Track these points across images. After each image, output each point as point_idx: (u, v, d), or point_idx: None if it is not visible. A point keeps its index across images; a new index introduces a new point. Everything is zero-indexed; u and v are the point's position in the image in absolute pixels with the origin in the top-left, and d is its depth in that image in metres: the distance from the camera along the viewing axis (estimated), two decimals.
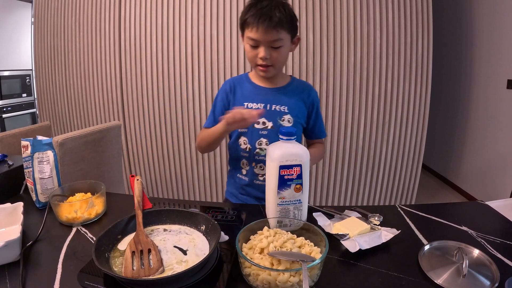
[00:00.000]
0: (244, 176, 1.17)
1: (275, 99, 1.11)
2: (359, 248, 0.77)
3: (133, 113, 2.54)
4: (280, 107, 1.10)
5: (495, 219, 0.97)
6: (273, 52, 1.01)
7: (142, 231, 0.77)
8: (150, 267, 0.67)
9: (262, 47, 1.00)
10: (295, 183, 0.83)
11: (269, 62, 1.02)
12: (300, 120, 1.14)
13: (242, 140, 1.13)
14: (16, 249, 0.74)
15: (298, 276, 0.62)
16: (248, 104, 1.11)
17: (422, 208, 1.01)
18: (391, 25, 2.28)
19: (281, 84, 1.14)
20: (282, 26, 0.97)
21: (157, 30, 2.37)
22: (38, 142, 1.02)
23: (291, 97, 1.13)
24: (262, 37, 0.98)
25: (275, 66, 1.05)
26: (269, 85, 1.13)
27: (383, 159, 2.50)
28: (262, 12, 0.96)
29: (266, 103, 1.10)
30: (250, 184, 1.16)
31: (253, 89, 1.13)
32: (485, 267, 0.71)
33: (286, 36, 1.01)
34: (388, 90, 2.36)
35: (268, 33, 0.97)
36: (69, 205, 0.92)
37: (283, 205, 0.84)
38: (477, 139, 3.08)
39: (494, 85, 2.81)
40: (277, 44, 1.00)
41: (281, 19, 0.96)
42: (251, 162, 1.13)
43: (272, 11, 0.96)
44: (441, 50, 3.53)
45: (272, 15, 0.95)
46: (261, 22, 0.95)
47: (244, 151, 1.14)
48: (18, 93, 3.92)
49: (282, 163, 0.81)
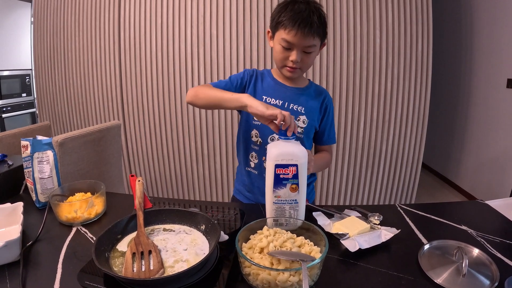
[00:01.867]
0: (253, 169, 1.17)
1: (294, 98, 1.12)
2: (359, 247, 0.77)
3: (133, 112, 2.54)
4: (298, 107, 1.11)
5: (495, 218, 0.97)
6: (304, 56, 1.01)
7: (143, 232, 0.77)
8: (150, 269, 0.67)
9: (295, 50, 1.00)
10: (291, 182, 0.83)
11: (299, 65, 1.03)
12: (315, 123, 1.15)
13: (254, 133, 1.13)
14: (16, 249, 0.74)
15: (298, 275, 0.62)
16: (267, 98, 1.11)
17: (422, 208, 1.01)
18: (391, 24, 2.28)
19: (301, 85, 1.15)
20: (318, 32, 0.98)
21: (157, 29, 2.36)
22: (38, 142, 1.02)
23: (309, 100, 1.13)
24: (298, 42, 0.97)
25: (302, 69, 1.06)
26: (290, 84, 1.14)
27: (383, 158, 2.50)
28: (301, 16, 0.95)
29: (285, 100, 1.11)
30: (260, 177, 1.15)
31: (274, 85, 1.14)
32: (484, 266, 0.71)
33: (318, 42, 1.01)
34: (388, 89, 2.36)
35: (306, 39, 0.97)
36: (69, 205, 0.92)
37: (278, 204, 0.85)
38: (477, 138, 3.08)
39: (494, 84, 2.81)
40: (310, 49, 1.00)
41: (318, 26, 0.96)
42: (261, 156, 1.14)
43: (311, 16, 0.95)
44: (441, 49, 3.53)
45: (312, 22, 0.95)
46: (301, 28, 0.94)
47: (254, 144, 1.14)
48: (18, 93, 3.92)
49: (278, 162, 0.82)
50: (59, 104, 2.76)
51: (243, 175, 1.21)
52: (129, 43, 2.42)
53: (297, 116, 1.10)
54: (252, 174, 1.18)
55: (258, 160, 1.15)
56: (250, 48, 2.32)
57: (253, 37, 2.30)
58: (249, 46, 2.32)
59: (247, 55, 2.33)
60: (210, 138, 2.48)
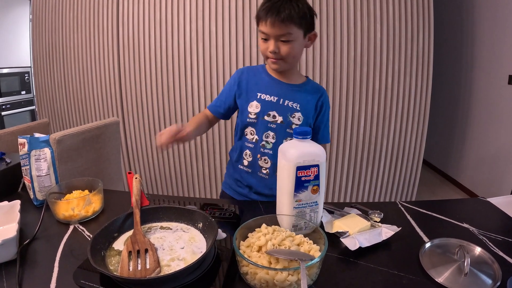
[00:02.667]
0: (246, 167, 1.16)
1: (289, 95, 1.10)
2: (359, 245, 0.76)
3: (131, 109, 2.53)
4: (293, 104, 1.10)
5: (496, 216, 0.96)
6: (282, 46, 1.00)
7: (140, 230, 0.76)
8: (147, 267, 0.66)
9: (271, 40, 1.00)
10: (313, 184, 0.79)
11: (279, 56, 1.02)
12: (309, 121, 1.14)
13: (249, 130, 1.13)
14: (13, 247, 0.73)
15: (297, 275, 0.61)
16: (261, 95, 1.10)
17: (423, 205, 1.00)
18: (392, 19, 2.26)
19: (297, 82, 1.14)
20: (292, 20, 0.96)
21: (156, 26, 2.35)
22: (35, 140, 1.01)
23: (305, 97, 1.12)
24: (270, 31, 0.98)
25: (286, 60, 1.04)
26: (284, 80, 1.12)
27: (383, 155, 2.49)
28: (272, 6, 0.96)
29: (280, 97, 1.10)
30: (252, 175, 1.15)
31: (269, 81, 1.12)
32: (486, 265, 0.70)
33: (297, 31, 0.99)
34: (388, 85, 2.35)
35: (275, 27, 0.96)
36: (66, 202, 0.91)
37: (299, 208, 0.80)
38: (478, 134, 3.06)
39: (495, 80, 2.79)
40: (285, 38, 0.99)
41: (290, 14, 0.95)
42: (255, 153, 1.13)
43: (282, 5, 0.95)
44: (442, 45, 3.50)
45: (281, 10, 0.95)
46: (269, 16, 0.95)
47: (249, 142, 1.13)
48: (17, 91, 3.90)
49: (299, 163, 0.77)
50: (58, 102, 2.75)
51: (235, 171, 1.20)
52: (128, 40, 2.41)
53: (292, 112, 1.09)
54: (244, 172, 1.17)
55: (253, 158, 1.14)
56: (250, 45, 2.30)
57: (253, 34, 2.28)
58: (249, 42, 2.30)
59: (247, 52, 2.31)
60: (209, 135, 2.47)
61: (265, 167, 1.13)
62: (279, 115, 1.09)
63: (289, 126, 1.09)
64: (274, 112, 1.09)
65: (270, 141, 1.10)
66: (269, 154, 1.11)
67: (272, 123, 1.09)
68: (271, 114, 1.09)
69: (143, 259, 0.68)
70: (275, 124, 1.09)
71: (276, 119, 1.09)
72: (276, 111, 1.09)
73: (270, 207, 1.01)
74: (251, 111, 1.10)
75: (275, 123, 1.09)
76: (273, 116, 1.09)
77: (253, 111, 1.10)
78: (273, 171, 1.12)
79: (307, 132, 0.81)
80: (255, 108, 1.09)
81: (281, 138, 1.09)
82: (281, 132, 1.09)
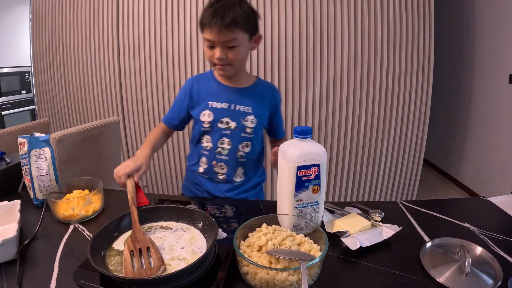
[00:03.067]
0: (203, 173, 1.17)
1: (240, 99, 1.11)
2: (360, 245, 0.75)
3: (132, 108, 2.53)
4: (244, 108, 1.10)
5: (497, 215, 0.95)
6: (229, 52, 1.00)
7: (139, 228, 0.76)
8: (151, 266, 0.66)
9: (217, 47, 0.99)
10: (313, 184, 0.79)
11: (226, 62, 1.01)
12: (263, 122, 1.15)
13: (205, 139, 1.13)
14: (13, 247, 0.73)
15: (297, 274, 0.61)
16: (212, 103, 1.10)
17: (423, 204, 1.00)
18: (392, 18, 2.25)
19: (246, 84, 1.14)
20: (237, 25, 0.96)
21: (156, 24, 2.35)
22: (35, 139, 1.01)
23: (256, 98, 1.12)
24: (216, 38, 0.97)
25: (233, 65, 1.04)
26: (234, 84, 1.12)
27: (384, 154, 2.48)
28: (216, 12, 0.94)
29: (230, 102, 1.10)
30: (208, 181, 1.16)
31: (218, 88, 1.12)
32: (488, 265, 0.70)
33: (242, 35, 0.99)
34: (389, 85, 2.35)
35: (221, 34, 0.96)
36: (66, 202, 0.91)
37: (300, 208, 0.80)
38: (478, 133, 3.06)
39: (496, 79, 2.79)
40: (232, 43, 0.98)
41: (234, 19, 0.94)
42: (211, 160, 1.13)
43: (226, 11, 0.94)
44: (443, 44, 3.50)
45: (225, 15, 0.94)
46: (213, 23, 0.94)
47: (204, 149, 1.14)
48: (18, 90, 3.90)
49: (300, 163, 0.77)
50: (58, 101, 2.75)
51: (193, 176, 1.21)
52: (128, 39, 2.41)
53: (245, 116, 1.10)
54: (201, 177, 1.17)
55: (208, 164, 1.14)
56: None
57: None
58: None
59: None
60: None
61: (221, 173, 1.14)
62: (232, 121, 1.09)
63: (243, 130, 1.10)
64: (227, 118, 1.09)
65: (225, 147, 1.11)
66: (225, 160, 1.12)
67: (226, 129, 1.10)
68: (224, 121, 1.09)
69: (146, 258, 0.68)
70: (229, 130, 1.10)
71: (230, 125, 1.09)
72: (228, 117, 1.09)
73: (270, 206, 1.01)
74: (204, 120, 1.10)
75: (229, 129, 1.10)
76: (226, 122, 1.09)
77: (206, 120, 1.10)
78: (229, 177, 1.14)
79: (307, 131, 0.80)
80: (208, 117, 1.10)
81: (236, 143, 1.11)
82: (236, 137, 1.10)
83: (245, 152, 1.13)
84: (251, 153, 1.14)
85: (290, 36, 2.27)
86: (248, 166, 1.16)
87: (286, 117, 2.40)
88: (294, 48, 2.29)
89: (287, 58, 2.30)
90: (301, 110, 2.38)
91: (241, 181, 1.16)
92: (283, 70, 2.32)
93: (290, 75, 2.33)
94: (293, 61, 2.30)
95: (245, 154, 1.13)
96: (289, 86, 2.34)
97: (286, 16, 2.25)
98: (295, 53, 2.29)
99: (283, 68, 2.32)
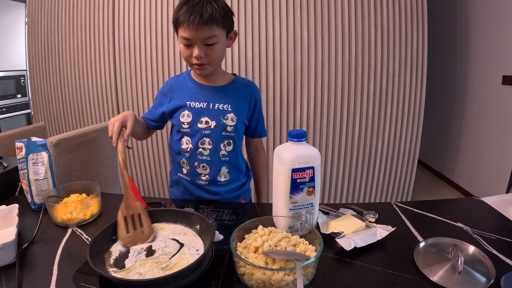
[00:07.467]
0: (185, 175, 1.14)
1: (218, 97, 1.09)
2: (354, 246, 0.77)
3: None
4: (224, 106, 1.08)
5: (490, 215, 0.97)
6: (207, 49, 0.98)
7: (130, 194, 0.79)
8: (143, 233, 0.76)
9: (196, 45, 0.97)
10: (308, 186, 0.80)
11: (205, 60, 1.00)
12: (243, 119, 1.13)
13: (185, 140, 1.11)
14: (12, 251, 0.74)
15: (293, 275, 0.62)
16: (191, 103, 1.08)
17: (417, 205, 1.02)
18: (386, 21, 2.28)
19: (224, 82, 1.12)
20: (215, 22, 0.94)
21: (151, 28, 2.35)
22: (32, 144, 1.01)
23: (235, 96, 1.11)
24: (194, 35, 0.94)
25: (212, 64, 1.02)
26: (211, 83, 1.11)
27: (378, 156, 2.50)
28: (193, 9, 0.92)
29: (209, 102, 1.08)
30: (192, 183, 1.14)
31: (195, 88, 1.11)
32: (480, 263, 0.71)
33: (220, 32, 0.98)
34: (383, 87, 2.37)
35: (200, 31, 0.93)
36: (64, 206, 0.92)
37: (295, 210, 0.82)
38: (472, 134, 3.09)
39: (489, 81, 2.82)
40: (210, 41, 0.96)
41: (213, 15, 0.93)
42: (193, 161, 1.11)
43: (203, 7, 0.92)
44: (436, 46, 3.54)
45: (203, 11, 0.92)
46: (192, 20, 0.91)
47: (185, 151, 1.11)
48: (13, 94, 3.88)
49: (295, 166, 0.78)
50: (54, 105, 2.75)
51: (178, 180, 1.19)
52: (124, 43, 2.41)
53: (225, 115, 1.08)
54: (184, 181, 1.16)
55: (190, 166, 1.12)
56: (245, 46, 2.31)
57: (248, 36, 2.30)
58: (244, 44, 2.31)
59: (242, 53, 2.32)
60: None
61: (204, 174, 1.11)
62: (211, 120, 1.07)
63: (223, 128, 1.08)
64: (206, 118, 1.07)
65: (206, 148, 1.09)
66: (207, 161, 1.10)
67: (206, 129, 1.07)
68: (203, 121, 1.07)
69: (138, 224, 0.76)
70: (209, 130, 1.07)
71: (210, 124, 1.07)
72: (207, 116, 1.07)
73: (266, 209, 1.02)
74: (183, 121, 1.08)
75: (209, 129, 1.07)
76: (206, 122, 1.07)
77: (185, 120, 1.08)
78: (212, 177, 1.11)
79: (301, 134, 0.81)
80: (187, 118, 1.08)
81: (218, 143, 1.09)
82: (217, 137, 1.08)
83: (227, 151, 1.11)
84: (233, 152, 1.13)
85: (285, 39, 2.29)
86: (233, 165, 1.15)
87: (280, 120, 2.42)
88: (288, 51, 2.30)
89: (282, 61, 2.32)
90: (295, 112, 2.40)
91: (226, 180, 1.14)
92: (278, 73, 2.34)
93: (285, 78, 2.34)
94: (287, 64, 2.32)
95: (227, 152, 1.11)
96: (284, 89, 2.36)
97: (281, 20, 2.27)
98: (290, 56, 2.31)
99: (277, 71, 2.33)
